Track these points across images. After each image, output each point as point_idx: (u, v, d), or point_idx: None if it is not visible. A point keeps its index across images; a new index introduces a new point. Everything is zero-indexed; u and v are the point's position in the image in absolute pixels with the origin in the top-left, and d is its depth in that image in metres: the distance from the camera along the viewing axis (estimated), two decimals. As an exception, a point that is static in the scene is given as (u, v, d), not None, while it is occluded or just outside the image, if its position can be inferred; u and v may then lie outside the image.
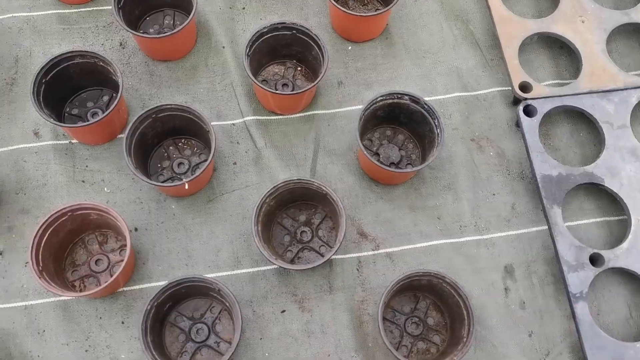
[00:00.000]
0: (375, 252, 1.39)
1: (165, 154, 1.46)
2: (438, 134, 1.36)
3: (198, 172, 1.30)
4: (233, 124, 1.50)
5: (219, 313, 1.31)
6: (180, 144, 1.47)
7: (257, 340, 1.30)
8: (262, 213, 1.29)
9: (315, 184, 1.29)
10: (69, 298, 1.32)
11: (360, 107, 1.51)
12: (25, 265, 1.33)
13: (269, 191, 1.28)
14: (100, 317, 1.31)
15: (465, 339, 1.21)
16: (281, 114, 1.51)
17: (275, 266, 1.36)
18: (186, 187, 1.29)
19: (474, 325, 1.21)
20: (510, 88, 1.51)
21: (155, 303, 1.20)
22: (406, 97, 1.39)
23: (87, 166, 1.44)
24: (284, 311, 1.33)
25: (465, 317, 1.23)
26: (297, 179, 1.29)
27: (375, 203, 1.44)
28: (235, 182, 1.44)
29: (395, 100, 1.40)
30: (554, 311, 1.34)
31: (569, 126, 1.52)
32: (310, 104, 1.52)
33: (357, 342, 1.30)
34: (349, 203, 1.42)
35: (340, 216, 1.27)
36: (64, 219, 1.27)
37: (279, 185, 1.29)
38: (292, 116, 1.51)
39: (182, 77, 1.54)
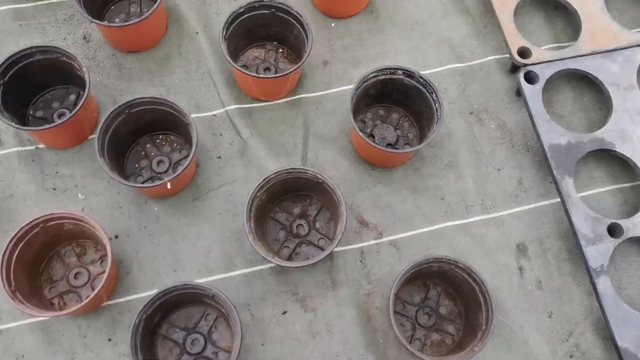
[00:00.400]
0: (379, 240, 1.29)
1: (143, 153, 1.34)
2: (437, 109, 1.26)
3: (180, 169, 1.19)
4: (214, 115, 1.39)
5: (215, 320, 1.20)
6: (158, 141, 1.35)
7: (258, 345, 1.20)
8: (254, 208, 1.18)
9: (309, 172, 1.19)
10: (47, 318, 1.20)
11: (349, 87, 1.42)
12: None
13: (259, 184, 1.17)
14: (85, 336, 1.19)
15: (484, 327, 1.12)
16: (265, 101, 1.40)
17: (272, 265, 1.25)
18: (168, 186, 1.18)
19: (493, 311, 1.11)
20: (507, 55, 1.42)
21: (144, 315, 1.09)
22: (400, 72, 1.29)
23: (57, 172, 1.32)
24: (285, 312, 1.22)
25: (482, 304, 1.13)
26: (290, 168, 1.19)
27: (374, 188, 1.33)
28: (221, 178, 1.33)
29: (388, 76, 1.29)
30: (573, 288, 1.26)
31: (572, 91, 1.43)
32: (296, 87, 1.42)
33: (366, 339, 1.20)
34: (345, 190, 1.31)
35: (340, 204, 1.16)
36: (35, 231, 1.15)
37: (270, 177, 1.18)
38: (278, 102, 1.40)
39: (154, 68, 1.42)
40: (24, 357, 1.17)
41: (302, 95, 1.41)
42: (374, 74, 1.28)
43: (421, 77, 1.27)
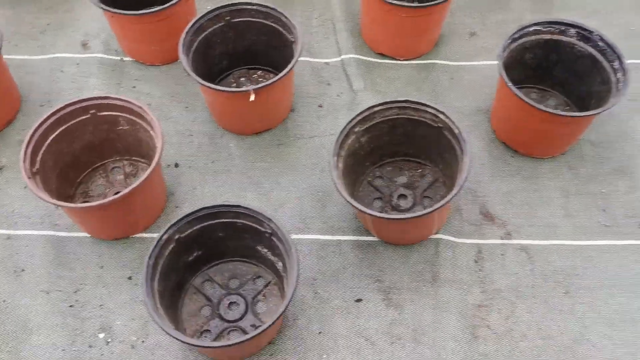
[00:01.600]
0: (505, 241, 0.94)
1: (234, 84, 1.12)
2: (618, 80, 0.94)
3: (270, 81, 0.94)
4: (326, 63, 1.15)
5: (265, 287, 0.89)
6: (255, 76, 1.13)
7: (313, 332, 0.86)
8: (347, 146, 0.89)
9: (430, 110, 0.88)
10: (65, 235, 0.95)
11: (495, 62, 1.13)
12: (25, 188, 0.99)
13: (360, 114, 0.89)
14: (102, 267, 0.93)
15: None
16: (391, 57, 1.14)
17: (356, 238, 0.94)
18: (252, 97, 0.93)
19: None
20: None
21: (177, 236, 0.81)
22: (572, 31, 0.99)
23: (134, 87, 1.13)
24: (359, 300, 0.89)
25: None
26: (404, 100, 0.89)
27: (510, 178, 1.00)
28: (316, 127, 1.07)
29: (556, 37, 1.00)
30: None
31: None
32: (430, 51, 1.16)
33: (467, 364, 0.83)
34: (472, 174, 0.99)
35: (464, 154, 0.84)
36: (84, 117, 0.93)
37: (376, 109, 0.89)
38: (405, 62, 1.15)
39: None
40: (23, 271, 0.92)
41: (436, 61, 1.15)
42: (536, 28, 0.99)
43: (601, 40, 0.96)
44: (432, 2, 1.01)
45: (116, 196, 0.82)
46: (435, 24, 1.09)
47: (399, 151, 0.97)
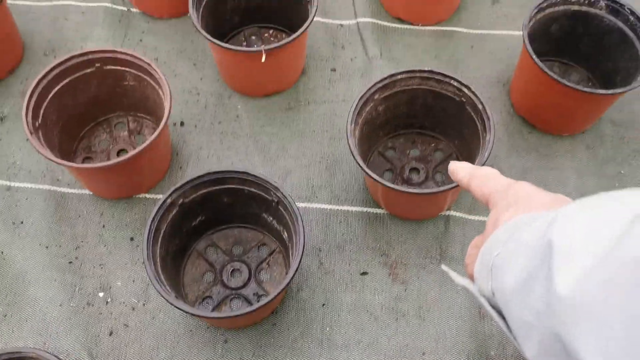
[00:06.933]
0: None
1: (245, 43, 1.08)
2: (647, 57, 0.90)
3: (283, 42, 0.90)
4: (341, 25, 1.10)
5: (270, 255, 0.87)
6: (266, 35, 1.09)
7: (317, 305, 0.85)
8: (365, 115, 0.85)
9: (454, 83, 0.85)
10: (67, 191, 0.93)
11: (518, 32, 1.08)
12: (27, 140, 0.97)
13: (380, 82, 0.85)
14: (104, 226, 0.91)
15: None
16: (409, 22, 1.10)
17: (364, 209, 0.91)
18: (263, 58, 0.89)
19: None
20: None
21: (181, 200, 0.78)
22: (602, 3, 0.94)
23: (141, 40, 1.08)
24: (365, 273, 0.87)
25: None
26: (427, 71, 0.86)
27: (527, 155, 0.97)
28: (329, 93, 1.03)
29: (584, 8, 0.95)
30: None
31: None
32: (451, 18, 1.11)
33: (472, 343, 0.82)
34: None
35: (488, 131, 0.81)
36: (89, 70, 0.90)
37: (398, 77, 0.86)
38: (423, 27, 1.10)
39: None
40: (22, 223, 0.90)
41: (456, 29, 1.10)
42: (565, -2, 0.94)
43: (632, 14, 0.91)
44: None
45: (122, 158, 0.79)
46: (458, -11, 1.05)
47: (415, 123, 0.94)
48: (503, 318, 0.42)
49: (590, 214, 0.35)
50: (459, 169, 0.57)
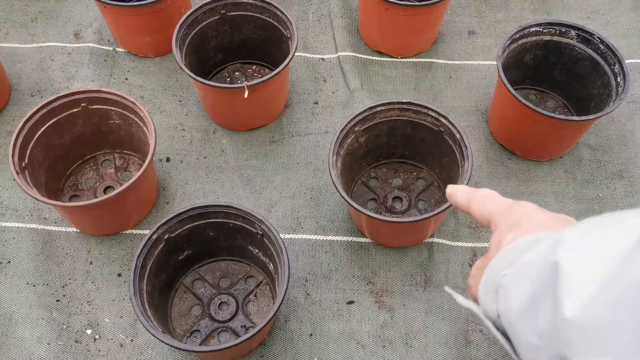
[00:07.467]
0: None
1: (228, 80, 1.10)
2: (618, 84, 0.93)
3: (265, 78, 0.92)
4: (322, 59, 1.13)
5: (257, 287, 0.88)
6: (250, 71, 1.11)
7: (304, 335, 0.85)
8: (346, 146, 0.87)
9: (432, 113, 0.87)
10: (54, 229, 0.93)
11: (493, 63, 1.12)
12: (13, 180, 0.97)
13: (361, 114, 0.87)
14: (91, 262, 0.91)
15: None
16: (388, 55, 1.13)
17: (349, 239, 0.93)
18: (246, 94, 0.91)
19: None
20: None
21: (167, 236, 0.79)
22: (572, 33, 0.97)
23: (126, 79, 1.11)
24: (351, 302, 0.88)
25: None
26: (406, 102, 0.88)
27: (507, 181, 0.99)
28: (312, 125, 1.05)
29: (556, 38, 0.98)
30: None
31: None
32: (429, 50, 1.14)
33: (458, 370, 0.82)
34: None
35: (465, 160, 0.83)
36: (75, 110, 0.91)
37: (378, 109, 0.88)
38: (402, 60, 1.13)
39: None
40: (9, 263, 0.90)
41: (435, 60, 1.13)
42: (537, 29, 0.98)
43: (602, 42, 0.95)
44: (431, 1, 0.99)
45: (108, 195, 0.80)
46: (433, 23, 1.08)
47: (396, 152, 0.96)
48: (508, 340, 0.42)
49: (595, 236, 0.35)
50: (457, 192, 0.57)
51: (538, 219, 0.48)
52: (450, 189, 0.59)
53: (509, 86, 0.90)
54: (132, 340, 0.85)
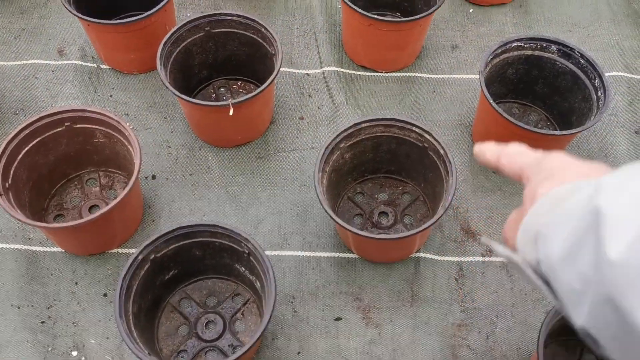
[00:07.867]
0: (487, 259, 0.94)
1: (214, 96, 1.10)
2: (599, 98, 0.94)
3: (250, 95, 0.92)
4: (307, 74, 1.14)
5: (244, 305, 0.88)
6: (235, 87, 1.11)
7: (292, 353, 0.85)
8: (332, 162, 0.88)
9: (416, 129, 0.88)
10: (38, 249, 0.93)
11: (477, 77, 1.13)
12: (-1, 199, 0.97)
13: (345, 131, 0.88)
14: (77, 283, 0.91)
15: None
16: (372, 70, 1.14)
17: (336, 255, 0.93)
18: (231, 111, 0.91)
19: None
20: (696, 73, 1.09)
21: (153, 256, 0.79)
22: (553, 48, 0.99)
23: (111, 96, 1.10)
24: (339, 319, 0.88)
25: None
26: (390, 119, 0.88)
27: (492, 194, 1.00)
28: (298, 140, 1.06)
29: (537, 52, 1.00)
30: None
31: None
32: (412, 64, 1.15)
33: (446, 385, 0.83)
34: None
35: (449, 175, 0.83)
36: (59, 129, 0.91)
37: (362, 126, 0.88)
38: (387, 74, 1.14)
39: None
40: (-6, 285, 0.89)
41: (419, 74, 1.14)
42: (518, 44, 0.99)
43: (582, 57, 0.96)
44: (414, 17, 1.00)
45: (93, 215, 0.80)
46: (417, 37, 1.09)
47: (381, 168, 0.96)
48: (549, 287, 0.43)
49: (636, 182, 0.36)
50: (485, 151, 0.57)
51: (572, 168, 0.48)
52: (477, 148, 0.58)
53: (491, 101, 0.91)
54: (118, 361, 0.84)
